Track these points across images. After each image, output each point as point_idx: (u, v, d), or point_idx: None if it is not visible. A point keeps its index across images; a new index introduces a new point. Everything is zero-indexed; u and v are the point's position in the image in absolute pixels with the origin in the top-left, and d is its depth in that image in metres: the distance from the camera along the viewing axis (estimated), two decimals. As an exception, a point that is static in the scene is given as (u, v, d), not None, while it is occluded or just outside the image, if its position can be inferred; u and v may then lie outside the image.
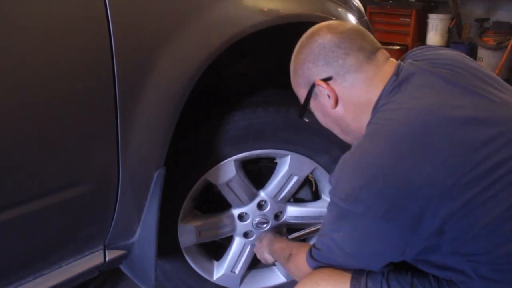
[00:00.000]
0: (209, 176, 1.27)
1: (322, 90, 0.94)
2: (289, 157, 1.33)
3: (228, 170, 1.28)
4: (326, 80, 0.93)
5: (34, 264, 0.99)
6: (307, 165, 1.36)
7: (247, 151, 1.27)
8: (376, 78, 0.91)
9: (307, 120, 1.07)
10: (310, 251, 0.99)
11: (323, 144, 1.31)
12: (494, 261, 0.79)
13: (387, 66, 0.92)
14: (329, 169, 1.38)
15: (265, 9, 1.13)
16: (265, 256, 1.35)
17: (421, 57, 0.96)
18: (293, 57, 1.00)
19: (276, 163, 1.41)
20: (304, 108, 1.02)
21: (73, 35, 0.85)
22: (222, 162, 1.26)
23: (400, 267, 0.90)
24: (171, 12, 0.99)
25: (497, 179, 0.76)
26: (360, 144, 0.85)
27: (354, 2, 1.46)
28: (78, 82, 0.87)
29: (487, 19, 4.56)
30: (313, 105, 1.01)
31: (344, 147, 1.27)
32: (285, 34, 1.17)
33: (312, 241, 1.53)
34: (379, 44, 0.96)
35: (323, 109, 0.99)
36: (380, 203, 0.77)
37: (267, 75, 1.53)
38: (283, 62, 1.06)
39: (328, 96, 0.94)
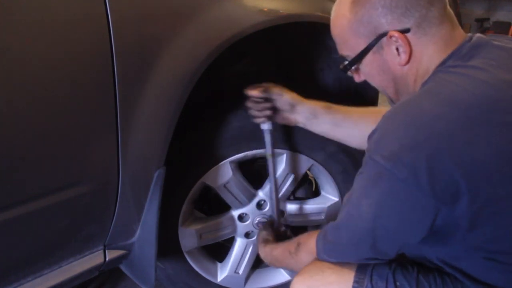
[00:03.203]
0: (206, 179, 1.27)
1: (393, 43, 0.81)
2: (284, 155, 1.33)
3: (224, 172, 1.28)
4: (403, 32, 0.80)
5: (34, 264, 0.99)
6: (303, 163, 1.35)
7: (243, 152, 1.27)
8: (452, 37, 0.82)
9: (350, 75, 0.93)
10: (323, 230, 0.91)
11: (318, 141, 1.30)
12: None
13: (458, 28, 0.84)
14: (326, 165, 1.37)
15: (265, 9, 1.13)
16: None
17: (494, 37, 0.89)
18: (350, 0, 0.84)
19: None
20: (357, 62, 0.87)
21: (73, 34, 0.85)
22: (218, 164, 1.26)
23: (405, 263, 0.87)
24: (171, 11, 0.99)
25: None
26: (416, 100, 0.76)
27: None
28: (78, 82, 0.87)
29: (487, 19, 4.56)
30: (369, 59, 0.86)
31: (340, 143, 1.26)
32: (285, 34, 1.17)
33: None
34: None
35: (384, 65, 0.85)
36: (426, 172, 0.69)
37: (263, 74, 1.52)
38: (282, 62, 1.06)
39: (397, 50, 0.82)
